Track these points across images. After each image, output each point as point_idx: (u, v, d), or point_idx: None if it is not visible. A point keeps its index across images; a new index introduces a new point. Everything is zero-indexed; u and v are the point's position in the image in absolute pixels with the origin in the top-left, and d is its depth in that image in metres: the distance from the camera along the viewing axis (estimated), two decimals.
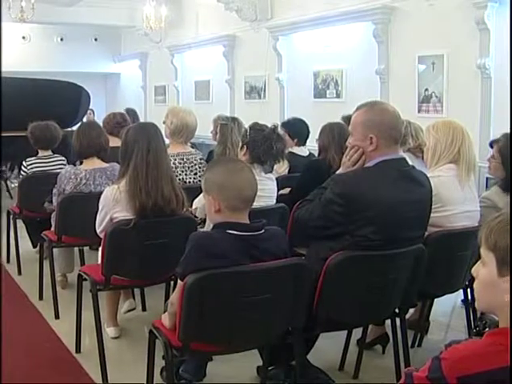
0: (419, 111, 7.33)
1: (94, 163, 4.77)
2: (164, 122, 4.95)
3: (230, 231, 2.71)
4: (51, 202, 5.03)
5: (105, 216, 3.84)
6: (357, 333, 3.95)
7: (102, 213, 3.87)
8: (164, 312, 4.30)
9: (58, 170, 5.47)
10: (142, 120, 9.65)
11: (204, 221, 4.13)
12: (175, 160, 4.73)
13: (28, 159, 5.98)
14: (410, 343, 3.78)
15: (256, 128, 4.21)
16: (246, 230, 2.73)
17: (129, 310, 4.69)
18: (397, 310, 3.42)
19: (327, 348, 3.96)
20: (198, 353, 3.05)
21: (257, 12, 9.98)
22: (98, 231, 3.94)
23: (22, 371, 3.96)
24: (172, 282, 4.41)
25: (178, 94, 12.77)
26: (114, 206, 3.77)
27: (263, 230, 2.79)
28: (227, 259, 2.68)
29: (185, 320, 2.75)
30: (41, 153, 6.01)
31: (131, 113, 7.62)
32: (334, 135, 4.68)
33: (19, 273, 6.03)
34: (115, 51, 15.50)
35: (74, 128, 9.51)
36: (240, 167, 2.85)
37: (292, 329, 3.06)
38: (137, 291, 4.87)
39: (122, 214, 3.74)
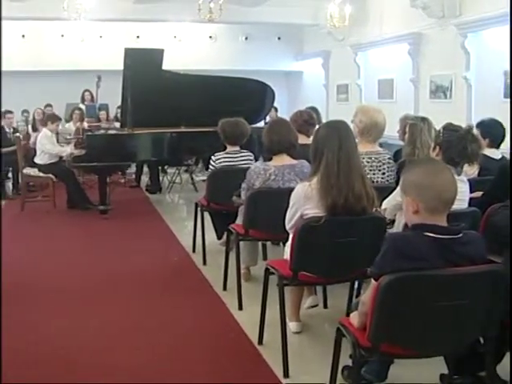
0: None
1: (283, 160, 4.82)
2: (352, 121, 4.91)
3: (428, 233, 2.64)
4: (239, 196, 5.17)
5: (295, 212, 3.88)
6: None
7: (292, 209, 3.91)
8: (347, 311, 4.32)
9: (245, 166, 5.61)
10: (323, 118, 9.69)
11: (392, 222, 4.07)
12: (363, 159, 4.66)
13: (216, 154, 6.15)
14: None
15: (450, 128, 4.09)
16: (444, 233, 2.65)
17: (312, 306, 4.71)
18: None
19: None
20: (386, 355, 2.98)
21: (444, 9, 9.71)
22: (287, 227, 4.00)
23: (205, 358, 4.09)
24: (356, 282, 4.40)
25: (360, 92, 12.68)
26: (304, 202, 3.80)
27: (461, 234, 2.69)
28: (423, 262, 2.61)
29: (376, 321, 2.72)
30: (229, 148, 6.17)
31: (313, 111, 7.65)
32: None
33: (204, 263, 6.27)
34: (298, 49, 15.66)
35: (258, 125, 9.79)
36: (440, 168, 2.77)
37: (484, 338, 2.94)
38: (319, 288, 4.87)
39: (313, 211, 3.76)
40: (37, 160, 9.37)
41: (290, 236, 3.97)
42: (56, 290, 5.47)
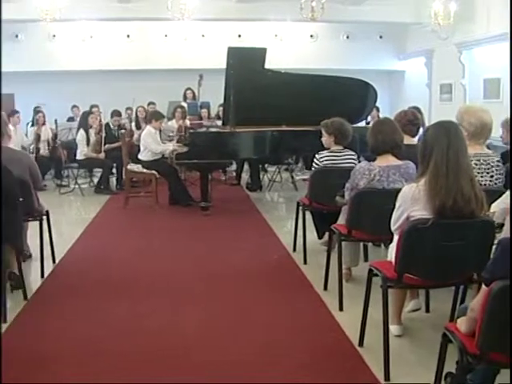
0: None
1: (387, 160, 4.77)
2: (459, 125, 4.78)
3: None
4: (343, 196, 5.14)
5: (402, 214, 3.84)
6: None
7: (398, 210, 3.87)
8: (450, 316, 4.22)
9: (349, 165, 5.58)
10: (426, 119, 9.51)
11: (501, 226, 3.95)
12: (471, 161, 4.55)
13: (321, 152, 6.17)
14: None
15: None
16: None
17: (413, 310, 4.65)
18: None
19: None
20: (494, 363, 2.89)
21: None
22: (392, 228, 3.96)
23: (305, 357, 4.08)
24: (462, 287, 4.29)
25: (464, 92, 12.33)
26: (412, 204, 3.74)
27: None
28: None
29: (486, 327, 2.66)
30: (333, 147, 6.17)
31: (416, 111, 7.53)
32: None
33: (305, 262, 6.28)
34: (400, 48, 15.41)
35: (359, 125, 9.72)
36: None
37: None
38: (421, 291, 4.79)
39: (420, 212, 3.69)
40: (140, 156, 9.61)
41: (395, 237, 3.92)
42: (158, 286, 5.60)
